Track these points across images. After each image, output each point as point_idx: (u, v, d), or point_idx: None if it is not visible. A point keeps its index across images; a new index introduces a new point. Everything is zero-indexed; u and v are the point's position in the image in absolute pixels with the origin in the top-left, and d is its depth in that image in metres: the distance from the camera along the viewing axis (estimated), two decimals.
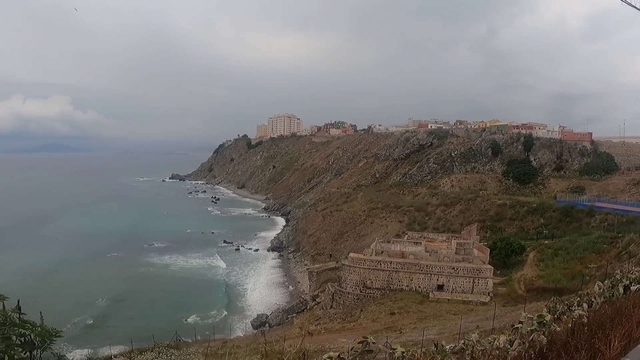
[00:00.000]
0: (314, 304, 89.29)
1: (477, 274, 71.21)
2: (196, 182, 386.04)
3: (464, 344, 8.29)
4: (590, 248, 78.41)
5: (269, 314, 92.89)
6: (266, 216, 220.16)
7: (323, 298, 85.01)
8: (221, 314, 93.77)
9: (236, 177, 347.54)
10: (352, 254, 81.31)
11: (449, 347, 8.55)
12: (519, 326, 8.57)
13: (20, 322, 6.26)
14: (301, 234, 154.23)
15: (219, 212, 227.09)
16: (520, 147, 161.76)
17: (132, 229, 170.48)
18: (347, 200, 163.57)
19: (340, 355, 6.83)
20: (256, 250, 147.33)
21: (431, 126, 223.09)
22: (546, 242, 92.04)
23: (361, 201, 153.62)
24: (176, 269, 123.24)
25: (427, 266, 72.81)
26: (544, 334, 7.64)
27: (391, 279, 73.50)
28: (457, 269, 71.97)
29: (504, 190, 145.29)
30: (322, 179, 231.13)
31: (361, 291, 74.91)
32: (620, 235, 79.08)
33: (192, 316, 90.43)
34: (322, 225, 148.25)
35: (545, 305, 30.17)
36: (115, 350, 64.36)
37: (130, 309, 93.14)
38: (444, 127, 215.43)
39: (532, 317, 8.85)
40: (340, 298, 77.49)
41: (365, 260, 75.91)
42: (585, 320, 8.41)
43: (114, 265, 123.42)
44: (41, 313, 7.05)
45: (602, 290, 13.42)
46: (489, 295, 69.26)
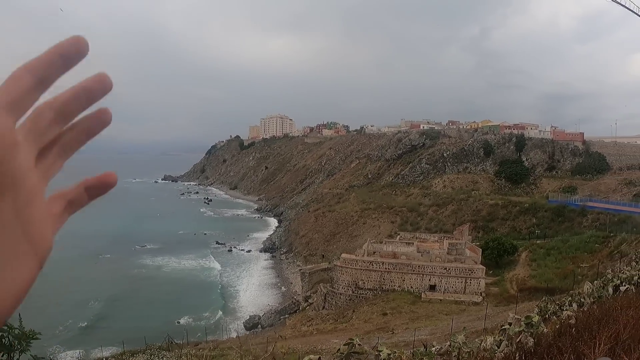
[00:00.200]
0: (306, 304, 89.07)
1: (469, 274, 71.22)
2: (189, 183, 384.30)
3: (450, 345, 8.18)
4: (582, 247, 78.64)
5: (261, 315, 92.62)
6: (259, 217, 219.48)
7: (315, 299, 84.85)
8: (214, 315, 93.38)
9: (229, 178, 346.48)
10: (344, 255, 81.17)
11: (435, 349, 8.43)
12: (506, 327, 8.46)
13: None
14: (293, 234, 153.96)
15: (211, 213, 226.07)
16: (512, 147, 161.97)
17: (124, 230, 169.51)
18: (340, 200, 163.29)
19: (320, 358, 6.70)
20: (249, 252, 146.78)
21: (423, 127, 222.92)
22: (538, 241, 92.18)
23: (353, 202, 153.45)
24: (168, 270, 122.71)
25: (419, 266, 72.74)
26: (531, 335, 7.54)
27: (383, 279, 73.42)
28: (449, 269, 71.94)
29: (496, 190, 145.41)
30: (314, 180, 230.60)
31: (353, 292, 74.78)
32: (612, 234, 79.35)
33: (185, 318, 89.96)
34: (315, 226, 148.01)
35: (537, 305, 30.15)
36: (107, 352, 64.01)
37: (122, 311, 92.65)
38: (436, 128, 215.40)
39: (520, 318, 8.74)
40: (332, 299, 77.36)
41: (357, 261, 75.76)
42: (573, 321, 8.30)
43: (106, 267, 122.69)
44: (20, 315, 6.88)
45: (591, 291, 13.35)
46: (481, 295, 69.28)
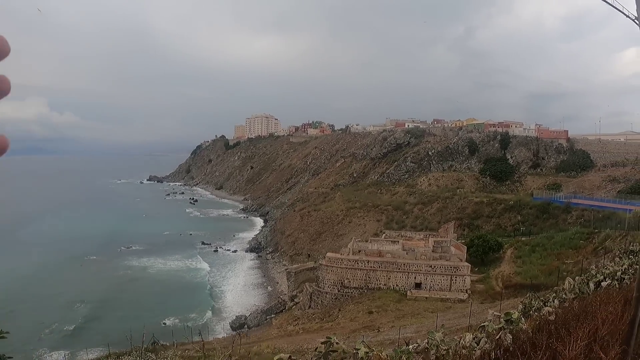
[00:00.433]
0: (292, 304, 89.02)
1: (455, 272, 71.34)
2: (174, 183, 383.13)
3: (427, 343, 8.05)
4: (567, 244, 78.99)
5: (247, 315, 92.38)
6: (244, 217, 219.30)
7: (301, 298, 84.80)
8: (200, 316, 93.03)
9: (214, 178, 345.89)
10: (329, 254, 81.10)
11: (412, 347, 8.30)
12: (485, 324, 8.35)
13: None
14: (279, 234, 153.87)
15: (197, 214, 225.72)
16: (497, 145, 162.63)
17: (110, 232, 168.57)
18: (325, 200, 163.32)
19: (291, 357, 6.55)
20: (234, 252, 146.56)
21: (408, 125, 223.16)
22: (523, 238, 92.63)
23: (339, 201, 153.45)
24: (154, 271, 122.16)
25: (404, 264, 72.80)
26: (510, 332, 7.43)
27: (369, 278, 73.41)
28: (435, 267, 72.05)
29: (481, 188, 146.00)
30: (299, 179, 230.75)
31: (339, 291, 74.73)
32: (596, 231, 79.78)
33: (171, 319, 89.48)
34: (300, 225, 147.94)
35: (521, 302, 30.15)
36: (93, 355, 63.70)
37: (108, 313, 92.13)
38: (421, 126, 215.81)
39: (499, 315, 8.63)
40: (318, 298, 77.29)
41: (342, 260, 75.74)
42: (553, 317, 8.21)
43: (92, 269, 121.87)
44: None
45: (572, 287, 13.27)
46: (466, 292, 69.47)
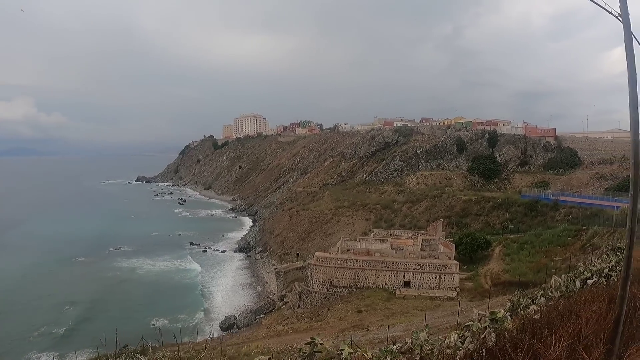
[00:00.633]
0: (281, 304, 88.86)
1: (443, 270, 71.40)
2: (162, 184, 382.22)
3: (411, 343, 7.95)
4: (555, 241, 79.18)
5: (237, 315, 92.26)
6: (233, 217, 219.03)
7: (290, 298, 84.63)
8: (189, 317, 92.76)
9: (202, 178, 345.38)
10: (318, 253, 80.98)
11: (396, 347, 8.20)
12: (470, 324, 8.26)
13: None
14: (268, 234, 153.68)
15: (186, 214, 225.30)
16: (485, 143, 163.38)
17: (98, 233, 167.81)
18: (314, 199, 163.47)
19: (270, 359, 6.44)
20: (223, 252, 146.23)
21: (397, 124, 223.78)
22: (512, 236, 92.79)
23: (327, 200, 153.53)
24: (142, 272, 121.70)
25: (393, 263, 72.77)
26: (495, 331, 7.34)
27: (358, 276, 73.33)
28: (423, 265, 72.05)
29: (470, 186, 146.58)
30: (288, 179, 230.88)
31: (328, 290, 74.62)
32: (584, 228, 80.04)
33: (160, 320, 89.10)
34: (289, 224, 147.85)
35: (509, 299, 30.14)
36: (82, 357, 63.37)
37: (97, 315, 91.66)
38: (409, 125, 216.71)
39: (484, 313, 8.55)
40: (307, 297, 77.13)
41: (331, 259, 75.64)
42: (538, 316, 8.12)
43: (81, 270, 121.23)
44: None
45: (558, 285, 13.21)
46: (455, 290, 69.53)
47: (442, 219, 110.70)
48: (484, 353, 6.13)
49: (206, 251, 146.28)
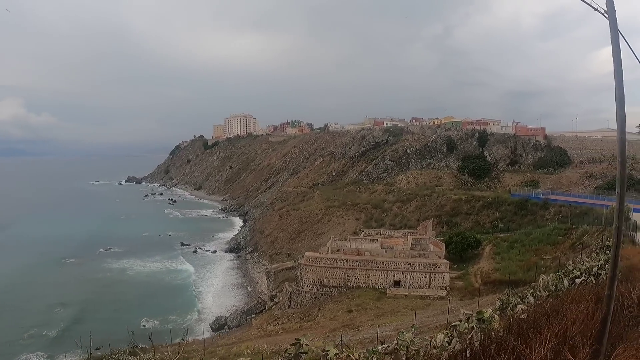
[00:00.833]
0: (272, 304, 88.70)
1: (434, 269, 71.45)
2: (153, 184, 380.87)
3: (397, 343, 7.86)
4: (545, 240, 79.46)
5: (227, 315, 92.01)
6: (223, 217, 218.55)
7: (281, 298, 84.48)
8: (180, 317, 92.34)
9: (193, 179, 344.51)
10: (308, 253, 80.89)
11: (382, 348, 8.11)
12: (456, 324, 8.18)
13: None
14: (258, 234, 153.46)
15: (176, 214, 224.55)
16: (474, 142, 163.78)
17: (88, 234, 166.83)
18: (304, 199, 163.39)
19: None
20: (214, 252, 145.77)
21: (387, 124, 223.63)
22: (502, 235, 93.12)
23: (318, 200, 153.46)
24: (133, 273, 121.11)
25: (383, 263, 72.76)
26: (481, 332, 7.26)
27: (348, 276, 73.28)
28: (414, 264, 72.07)
29: (460, 185, 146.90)
30: (278, 179, 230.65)
31: (318, 290, 74.55)
32: (574, 226, 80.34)
33: (151, 321, 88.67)
34: (279, 224, 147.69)
35: (499, 298, 30.14)
36: (72, 359, 63.04)
37: (88, 316, 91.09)
38: (399, 125, 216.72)
39: (471, 313, 8.46)
40: (297, 297, 77.04)
41: (321, 259, 75.56)
42: (525, 316, 8.04)
43: (71, 271, 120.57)
44: None
45: (546, 284, 13.16)
46: (445, 289, 69.63)
47: (432, 218, 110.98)
48: (467, 354, 6.04)
49: (196, 252, 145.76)
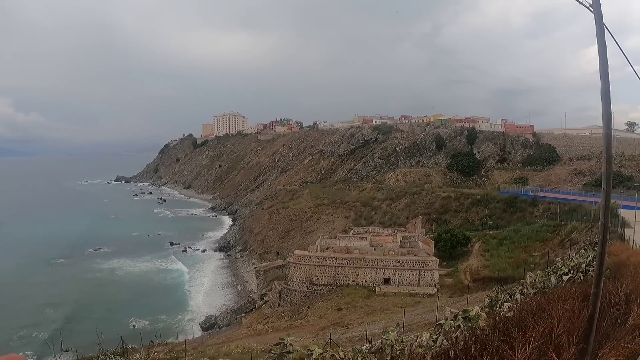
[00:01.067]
0: (262, 302, 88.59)
1: (423, 266, 71.54)
2: (142, 183, 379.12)
3: (381, 343, 7.76)
4: (534, 237, 79.88)
5: (217, 315, 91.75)
6: (213, 216, 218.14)
7: (271, 296, 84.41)
8: (169, 317, 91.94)
9: (182, 178, 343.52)
10: (297, 251, 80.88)
11: (366, 347, 8.01)
12: (442, 322, 8.09)
13: None
14: (248, 232, 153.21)
15: (165, 214, 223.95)
16: (463, 140, 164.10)
17: (78, 234, 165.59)
18: (293, 197, 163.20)
19: None
20: (203, 251, 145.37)
21: (376, 121, 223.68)
22: (491, 232, 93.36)
23: (307, 198, 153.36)
24: (122, 273, 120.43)
25: (372, 260, 72.80)
26: (467, 330, 7.17)
27: (337, 274, 73.27)
28: (403, 262, 72.14)
29: (449, 183, 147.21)
30: (268, 177, 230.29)
31: (308, 288, 74.51)
32: (563, 223, 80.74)
33: (140, 321, 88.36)
34: (269, 223, 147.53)
35: (488, 295, 30.13)
36: None
37: (78, 317, 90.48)
38: (388, 123, 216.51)
39: (457, 312, 8.36)
40: (287, 296, 76.98)
41: (310, 257, 75.52)
42: (511, 314, 7.96)
43: (60, 272, 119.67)
44: None
45: (533, 281, 13.10)
46: (435, 286, 69.76)
47: (422, 215, 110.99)
48: (451, 355, 5.94)
49: (186, 251, 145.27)
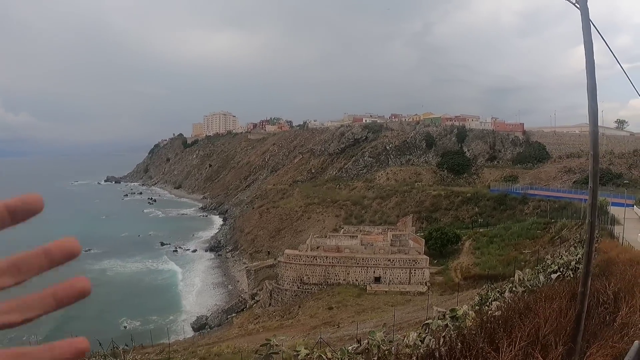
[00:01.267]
0: (253, 302, 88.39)
1: (414, 265, 71.62)
2: (132, 183, 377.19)
3: (367, 343, 7.68)
4: (525, 234, 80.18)
5: (208, 315, 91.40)
6: (203, 216, 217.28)
7: (262, 296, 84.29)
8: (160, 318, 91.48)
9: (172, 177, 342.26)
10: (287, 251, 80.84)
11: (352, 348, 7.93)
12: (429, 322, 8.01)
13: None
14: (239, 232, 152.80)
15: (156, 214, 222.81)
16: (453, 138, 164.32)
17: (68, 234, 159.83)
18: (284, 196, 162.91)
19: None
20: (194, 251, 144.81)
21: (366, 120, 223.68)
22: (481, 230, 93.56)
23: (297, 197, 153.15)
24: (113, 274, 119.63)
25: (363, 259, 72.85)
26: (454, 330, 7.09)
27: (328, 273, 73.26)
28: (393, 260, 72.20)
29: (439, 181, 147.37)
30: (258, 176, 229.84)
31: (299, 287, 74.47)
32: (553, 221, 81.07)
33: (131, 322, 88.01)
34: (259, 222, 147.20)
35: (478, 293, 30.11)
36: None
37: (68, 319, 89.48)
38: (378, 121, 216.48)
39: (444, 311, 8.30)
40: (278, 295, 76.92)
41: (301, 256, 75.51)
42: (499, 313, 7.88)
43: (49, 274, 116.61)
44: None
45: (522, 280, 13.05)
46: (426, 285, 69.82)
47: (412, 214, 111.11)
48: (437, 355, 5.86)
49: (176, 251, 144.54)
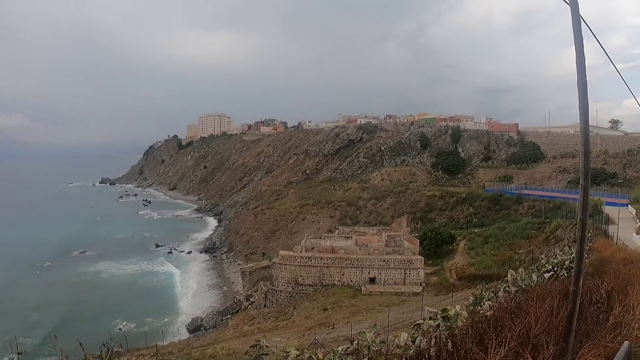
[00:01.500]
0: (248, 304, 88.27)
1: (408, 265, 71.60)
2: (127, 185, 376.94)
3: (357, 344, 7.60)
4: (519, 234, 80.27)
5: (203, 316, 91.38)
6: (198, 217, 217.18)
7: (257, 297, 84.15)
8: (155, 319, 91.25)
9: (167, 179, 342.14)
10: (282, 252, 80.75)
11: (342, 349, 7.85)
12: (420, 322, 7.94)
13: None
14: (234, 233, 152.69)
15: (151, 215, 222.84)
16: (448, 139, 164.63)
17: (62, 237, 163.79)
18: (279, 197, 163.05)
19: None
20: (189, 253, 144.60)
21: (360, 121, 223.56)
22: (476, 230, 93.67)
23: (292, 198, 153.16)
24: (107, 276, 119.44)
25: (357, 260, 72.80)
26: (446, 330, 7.03)
27: (323, 274, 73.19)
28: (388, 261, 72.16)
29: (434, 181, 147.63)
30: (253, 178, 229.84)
31: (293, 288, 74.39)
32: (547, 220, 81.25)
33: (126, 323, 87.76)
34: (254, 223, 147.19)
35: (472, 293, 30.01)
36: None
37: (63, 321, 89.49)
38: (373, 122, 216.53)
39: (435, 311, 8.23)
40: (273, 296, 76.81)
41: (296, 257, 75.40)
42: (491, 313, 7.81)
43: (45, 276, 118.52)
44: None
45: (515, 279, 12.99)
46: (421, 285, 69.80)
47: (407, 214, 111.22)
48: (427, 356, 5.78)
49: (171, 253, 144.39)
